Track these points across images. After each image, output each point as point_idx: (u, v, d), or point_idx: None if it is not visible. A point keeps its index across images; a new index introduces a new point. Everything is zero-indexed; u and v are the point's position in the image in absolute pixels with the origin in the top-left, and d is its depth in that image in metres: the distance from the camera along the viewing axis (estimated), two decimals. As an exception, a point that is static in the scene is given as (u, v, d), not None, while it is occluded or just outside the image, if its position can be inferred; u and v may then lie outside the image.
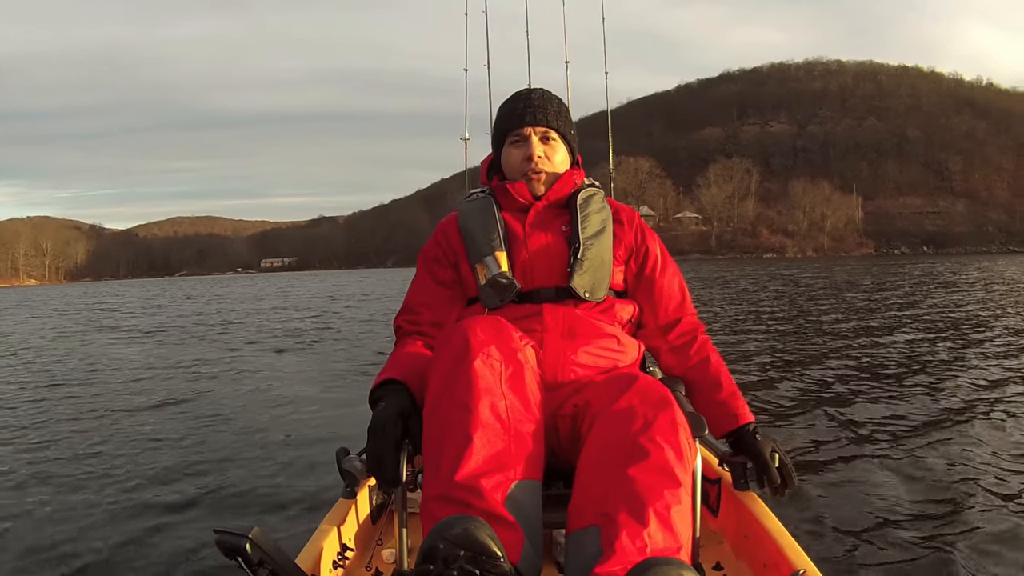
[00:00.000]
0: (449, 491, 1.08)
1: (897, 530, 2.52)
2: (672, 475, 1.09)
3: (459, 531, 0.94)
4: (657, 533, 1.03)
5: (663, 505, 1.06)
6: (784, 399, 4.87)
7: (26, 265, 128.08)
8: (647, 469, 1.09)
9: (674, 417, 1.16)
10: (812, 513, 2.69)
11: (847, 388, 5.19)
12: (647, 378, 1.27)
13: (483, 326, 1.24)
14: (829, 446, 3.65)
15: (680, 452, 1.13)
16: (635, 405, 1.18)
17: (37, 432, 4.68)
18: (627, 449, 1.12)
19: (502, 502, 1.08)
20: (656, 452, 1.11)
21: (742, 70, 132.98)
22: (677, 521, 1.06)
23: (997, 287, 16.41)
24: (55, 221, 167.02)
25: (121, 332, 13.16)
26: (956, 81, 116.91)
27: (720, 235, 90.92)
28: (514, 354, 1.23)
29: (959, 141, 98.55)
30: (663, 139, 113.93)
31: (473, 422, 1.12)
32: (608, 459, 1.13)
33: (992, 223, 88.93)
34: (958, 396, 4.71)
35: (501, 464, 1.11)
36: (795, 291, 17.65)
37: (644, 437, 1.12)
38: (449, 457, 1.10)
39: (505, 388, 1.18)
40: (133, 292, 39.50)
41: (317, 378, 6.64)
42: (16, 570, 2.48)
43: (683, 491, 1.09)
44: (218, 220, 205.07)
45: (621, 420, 1.17)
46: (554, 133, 1.58)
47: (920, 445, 3.56)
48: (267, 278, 70.12)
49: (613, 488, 1.09)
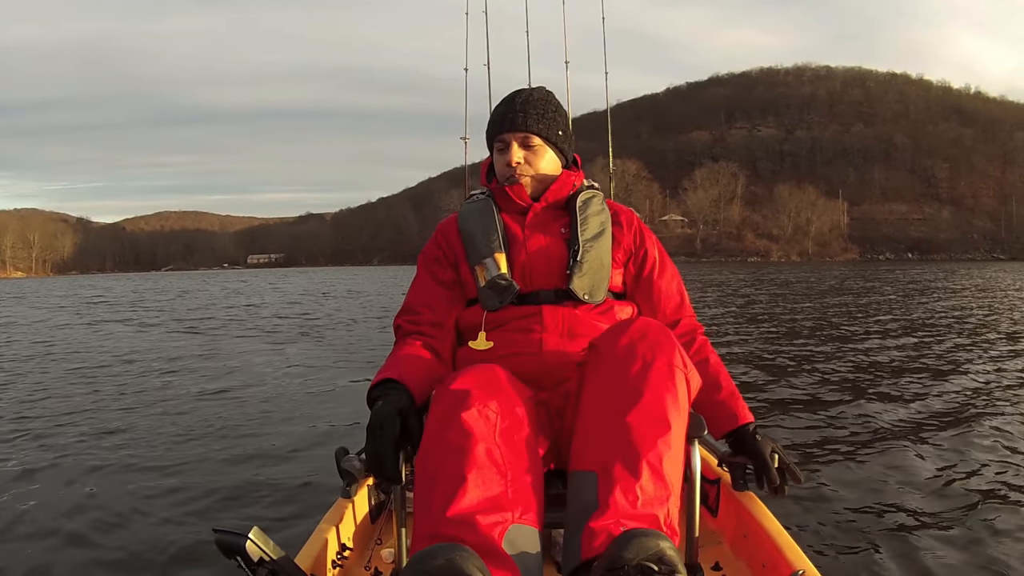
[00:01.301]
0: (439, 528, 1.02)
1: (896, 530, 2.51)
2: (664, 420, 1.12)
3: (441, 562, 0.83)
4: (648, 484, 1.07)
5: (655, 455, 1.09)
6: (779, 400, 4.83)
7: (13, 257, 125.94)
8: (643, 415, 1.11)
9: (671, 358, 1.18)
10: (811, 513, 2.68)
11: (841, 389, 5.14)
12: (645, 319, 1.29)
13: (477, 377, 1.21)
14: (827, 447, 3.62)
15: (675, 394, 1.15)
16: (635, 342, 1.19)
17: (14, 425, 4.55)
18: (626, 392, 1.14)
19: (500, 540, 1.02)
20: (651, 396, 1.13)
21: (731, 74, 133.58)
22: (668, 469, 1.10)
23: (986, 293, 16.54)
24: (42, 214, 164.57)
25: (123, 326, 12.81)
26: (944, 88, 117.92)
27: (705, 238, 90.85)
28: (512, 408, 1.19)
29: (946, 148, 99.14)
30: (650, 141, 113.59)
31: (468, 463, 1.08)
32: (607, 402, 1.15)
33: (977, 230, 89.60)
34: (955, 397, 4.73)
35: (497, 506, 1.06)
36: (781, 294, 17.72)
37: (642, 380, 1.14)
38: (441, 496, 1.05)
39: (499, 440, 1.14)
40: (123, 287, 38.15)
41: (317, 377, 6.43)
42: (8, 565, 2.41)
43: (674, 435, 1.12)
44: (205, 215, 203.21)
45: (621, 360, 1.18)
46: (536, 138, 1.54)
47: (919, 446, 3.56)
48: (255, 274, 69.64)
49: (611, 435, 1.11)
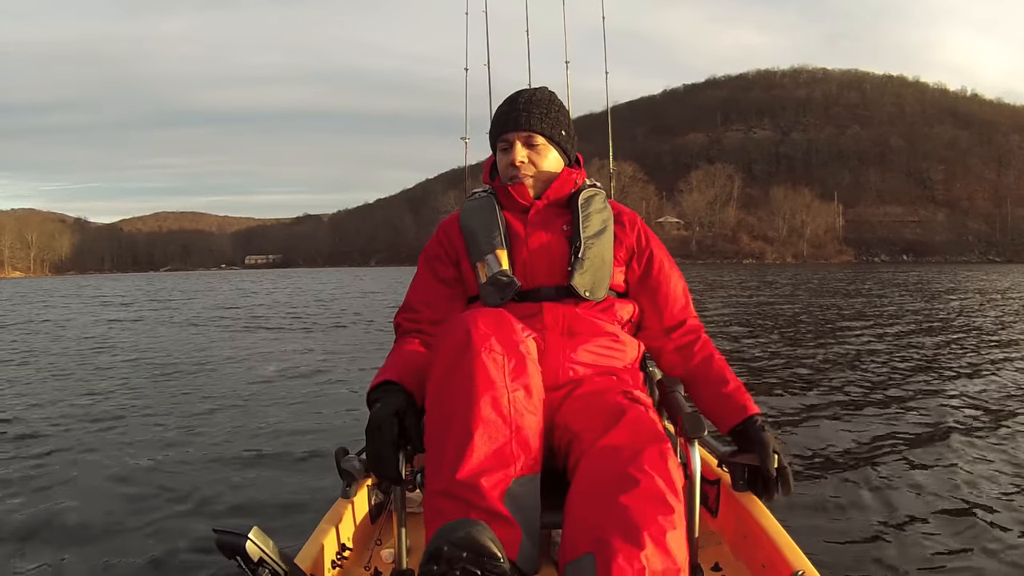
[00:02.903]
0: (451, 488, 1.11)
1: (896, 531, 2.54)
2: (664, 501, 1.08)
3: (462, 534, 0.98)
4: (655, 556, 1.02)
5: (658, 530, 1.04)
6: (779, 401, 4.86)
7: (11, 257, 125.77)
8: (639, 496, 1.07)
9: (664, 449, 1.14)
10: (811, 514, 2.70)
11: (841, 391, 5.16)
12: (637, 410, 1.25)
13: (485, 319, 1.23)
14: (827, 448, 3.65)
15: (671, 481, 1.11)
16: (623, 441, 1.17)
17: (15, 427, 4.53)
18: (617, 479, 1.11)
19: (501, 499, 1.11)
20: (646, 481, 1.09)
21: (728, 76, 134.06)
22: (673, 546, 1.04)
23: (980, 296, 16.63)
24: (40, 214, 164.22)
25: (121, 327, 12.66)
26: (940, 91, 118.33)
27: (701, 240, 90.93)
28: (516, 346, 1.23)
29: (941, 151, 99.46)
30: (647, 143, 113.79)
31: (475, 419, 1.14)
32: (598, 490, 1.12)
33: (972, 233, 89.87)
34: (957, 402, 4.73)
35: (502, 460, 1.13)
36: (777, 295, 17.83)
37: (634, 467, 1.11)
38: (451, 454, 1.13)
39: (508, 380, 1.18)
40: (122, 286, 38.35)
41: (318, 375, 6.47)
42: (8, 565, 2.42)
43: (676, 517, 1.08)
44: (202, 216, 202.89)
45: (610, 454, 1.16)
46: (539, 138, 1.55)
47: (920, 447, 3.60)
48: (255, 274, 70.01)
49: (606, 516, 1.07)
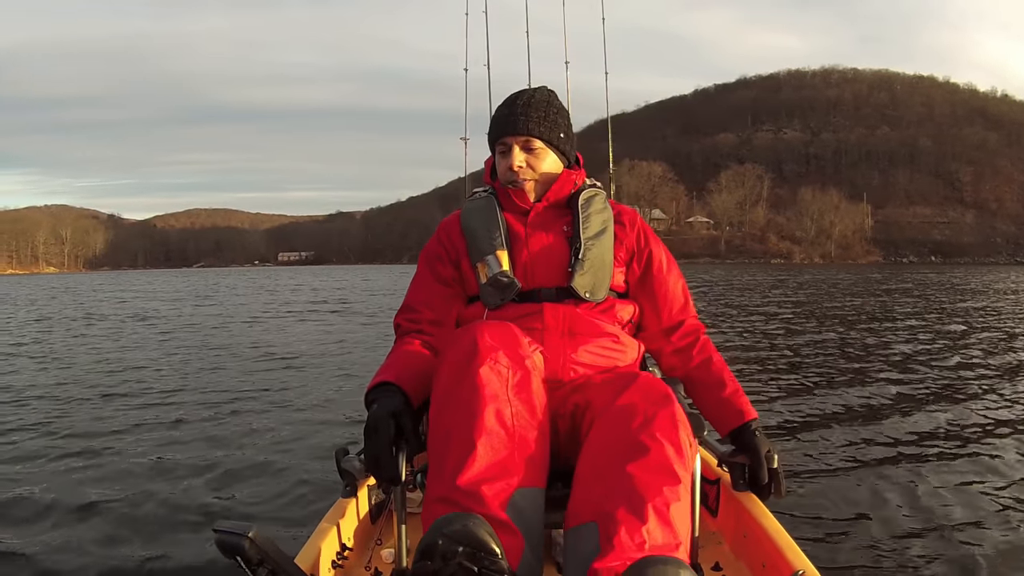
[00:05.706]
0: (451, 494, 1.08)
1: (896, 532, 2.54)
2: (671, 472, 1.09)
3: (458, 527, 0.95)
4: (656, 530, 1.03)
5: (662, 502, 1.05)
6: (784, 402, 4.84)
7: (45, 253, 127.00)
8: (646, 466, 1.08)
9: (674, 413, 1.15)
10: (811, 514, 2.69)
11: (843, 392, 5.15)
12: (647, 375, 1.26)
13: (492, 331, 1.24)
14: (828, 448, 3.65)
15: (680, 449, 1.12)
16: (636, 402, 1.17)
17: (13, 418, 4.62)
18: (627, 446, 1.11)
19: (503, 508, 1.08)
20: (656, 449, 1.10)
21: (758, 76, 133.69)
22: (676, 518, 1.06)
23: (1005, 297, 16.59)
24: (73, 210, 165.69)
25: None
26: (970, 91, 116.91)
27: (729, 240, 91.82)
28: (522, 360, 1.22)
29: (971, 151, 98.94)
30: (677, 143, 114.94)
31: (477, 428, 1.12)
32: (608, 457, 1.12)
33: (1000, 234, 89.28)
34: (961, 405, 4.68)
35: (504, 471, 1.11)
36: (807, 297, 17.39)
37: (644, 434, 1.12)
38: (452, 462, 1.11)
39: (511, 395, 1.18)
40: (162, 283, 37.81)
41: (319, 374, 6.44)
42: (8, 564, 2.42)
43: (682, 488, 1.09)
44: (235, 213, 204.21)
45: (622, 417, 1.16)
46: (537, 141, 1.54)
47: (920, 449, 3.62)
48: (288, 271, 69.43)
49: (612, 486, 1.08)
